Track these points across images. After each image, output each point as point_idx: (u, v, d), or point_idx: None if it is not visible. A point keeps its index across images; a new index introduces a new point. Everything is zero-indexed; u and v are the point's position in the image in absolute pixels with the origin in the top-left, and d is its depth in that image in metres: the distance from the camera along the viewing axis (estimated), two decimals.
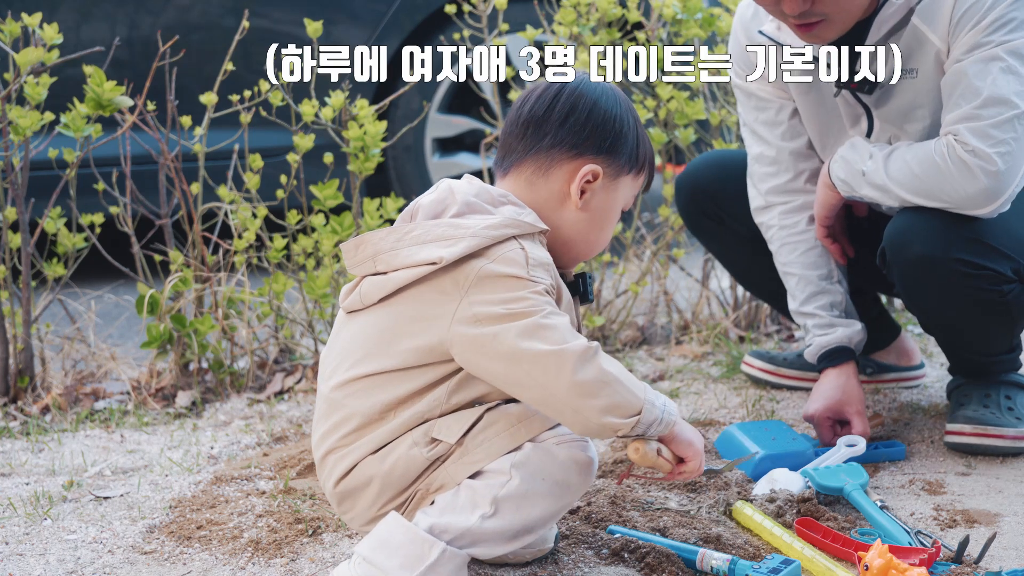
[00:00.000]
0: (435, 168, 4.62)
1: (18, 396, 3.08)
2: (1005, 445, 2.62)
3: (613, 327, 3.56)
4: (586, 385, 1.86)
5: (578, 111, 2.03)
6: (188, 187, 3.22)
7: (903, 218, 2.53)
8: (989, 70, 2.40)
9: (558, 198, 2.03)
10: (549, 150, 2.02)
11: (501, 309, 1.87)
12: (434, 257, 1.89)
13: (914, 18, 2.46)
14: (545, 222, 2.00)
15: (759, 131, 2.78)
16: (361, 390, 1.95)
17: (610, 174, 2.04)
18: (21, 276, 3.06)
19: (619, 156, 2.05)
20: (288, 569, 2.16)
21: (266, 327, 3.33)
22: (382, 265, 1.95)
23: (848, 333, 2.71)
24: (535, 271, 1.90)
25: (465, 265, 1.89)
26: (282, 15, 4.31)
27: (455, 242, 1.90)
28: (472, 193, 1.98)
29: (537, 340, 1.86)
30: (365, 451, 1.95)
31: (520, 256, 1.91)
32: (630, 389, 1.89)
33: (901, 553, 2.11)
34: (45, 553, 2.25)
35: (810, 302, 2.74)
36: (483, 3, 3.55)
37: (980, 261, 2.47)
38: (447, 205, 1.97)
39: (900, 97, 2.55)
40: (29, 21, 2.94)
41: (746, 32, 2.72)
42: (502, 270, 1.89)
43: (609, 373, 1.88)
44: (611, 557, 2.15)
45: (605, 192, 2.05)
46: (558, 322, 1.88)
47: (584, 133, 2.02)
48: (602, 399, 1.87)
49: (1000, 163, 2.39)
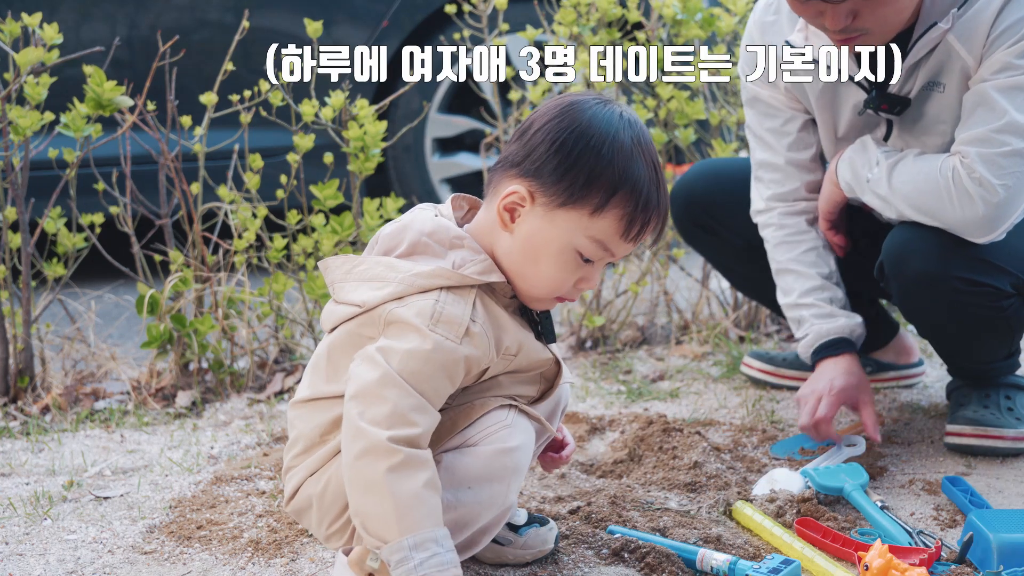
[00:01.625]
0: (435, 168, 4.62)
1: (18, 396, 3.08)
2: (1005, 446, 2.62)
3: (613, 327, 3.56)
4: (358, 479, 1.80)
5: (543, 129, 1.88)
6: (188, 187, 3.22)
7: (902, 233, 2.52)
8: (1014, 96, 2.37)
9: (493, 219, 1.94)
10: (501, 167, 1.93)
11: (378, 356, 1.84)
12: (360, 300, 1.90)
13: (949, 35, 2.42)
14: (492, 250, 1.94)
15: (766, 138, 2.75)
16: (307, 412, 1.99)
17: (542, 202, 1.88)
18: (21, 276, 3.06)
19: (555, 185, 1.87)
20: (288, 569, 2.16)
21: (266, 327, 3.33)
22: (335, 294, 1.98)
23: (850, 324, 2.67)
24: (438, 328, 1.84)
25: (381, 307, 1.88)
26: (282, 15, 4.31)
27: (383, 286, 1.89)
28: (427, 232, 1.93)
29: (362, 403, 1.82)
30: (306, 473, 1.99)
31: (428, 309, 1.85)
32: (397, 518, 1.78)
33: (901, 553, 2.12)
34: (45, 553, 2.25)
35: (809, 295, 2.69)
36: (483, 3, 3.55)
37: (979, 278, 2.46)
38: (400, 241, 1.94)
39: (924, 111, 2.52)
40: (29, 21, 2.94)
41: (765, 41, 2.65)
42: (404, 317, 1.85)
43: (385, 486, 1.77)
44: (611, 557, 2.15)
45: (537, 221, 1.89)
46: (399, 399, 1.80)
47: (524, 151, 1.89)
48: (358, 500, 1.81)
49: (1002, 194, 2.37)
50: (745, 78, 2.75)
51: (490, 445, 1.92)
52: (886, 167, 2.50)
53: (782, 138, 2.73)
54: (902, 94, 2.50)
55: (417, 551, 1.78)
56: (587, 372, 3.30)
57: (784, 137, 2.73)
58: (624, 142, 1.88)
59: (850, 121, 2.62)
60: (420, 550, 1.79)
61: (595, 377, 3.26)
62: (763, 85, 2.72)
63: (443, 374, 1.85)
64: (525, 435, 1.96)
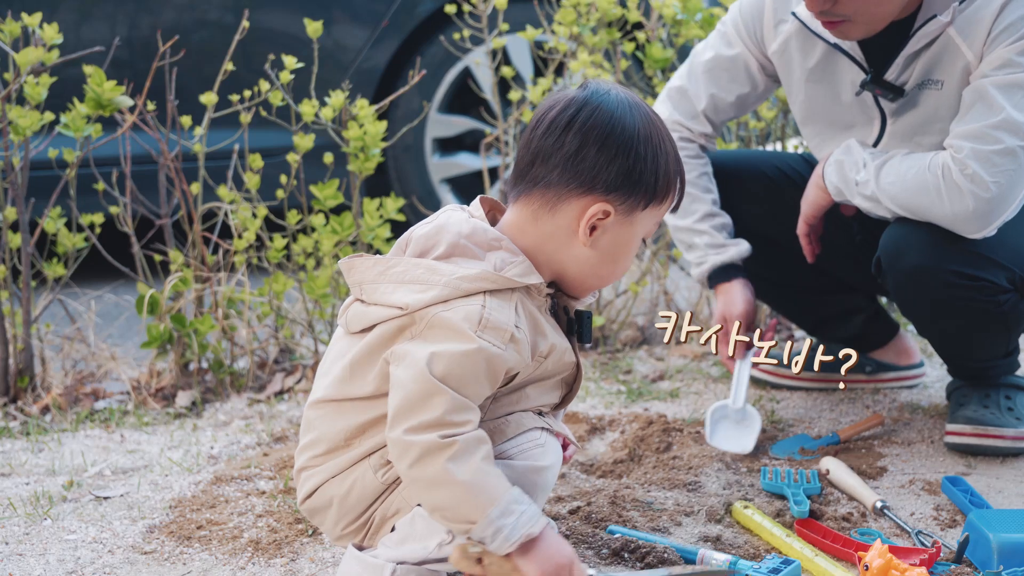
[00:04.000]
0: (435, 168, 4.62)
1: (18, 396, 3.08)
2: (1005, 445, 2.62)
3: (613, 327, 3.56)
4: (421, 480, 1.82)
5: (590, 144, 1.89)
6: (188, 187, 3.22)
7: (899, 228, 2.52)
8: (1012, 93, 2.38)
9: (565, 234, 1.93)
10: (557, 186, 1.91)
11: (422, 362, 1.82)
12: (402, 303, 1.88)
13: (950, 29, 2.43)
14: (551, 258, 1.94)
15: (700, 77, 2.77)
16: (330, 413, 1.97)
17: (623, 211, 1.92)
18: (21, 276, 3.06)
19: (634, 193, 1.92)
20: (288, 569, 2.16)
21: (266, 327, 3.33)
22: (365, 295, 1.95)
23: (739, 251, 2.77)
24: (485, 334, 1.84)
25: (425, 310, 1.87)
26: (282, 15, 4.31)
27: (426, 289, 1.87)
28: (465, 234, 1.92)
29: (408, 417, 1.81)
30: (327, 475, 1.98)
31: (475, 314, 1.84)
32: (473, 497, 1.80)
33: (901, 553, 2.12)
34: (45, 553, 2.25)
35: (704, 221, 2.77)
36: (483, 3, 3.55)
37: (975, 272, 2.46)
38: (436, 242, 1.92)
39: (921, 108, 2.52)
40: (29, 21, 2.94)
41: (776, 2, 2.65)
42: (452, 321, 1.84)
43: (450, 475, 1.79)
44: (611, 557, 2.15)
45: (618, 228, 1.94)
46: (445, 407, 1.80)
47: (595, 170, 1.90)
48: (429, 498, 1.83)
49: (994, 191, 2.37)
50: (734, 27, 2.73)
51: (525, 461, 1.93)
52: (874, 168, 2.50)
53: (717, 90, 2.76)
54: (898, 83, 2.50)
55: (505, 517, 1.81)
56: (587, 372, 3.30)
57: (719, 90, 2.76)
58: (657, 125, 1.95)
59: (846, 100, 2.61)
60: (507, 515, 1.81)
61: (595, 377, 3.26)
62: (748, 41, 2.71)
63: (485, 379, 1.86)
64: (555, 455, 1.98)
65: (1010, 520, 2.18)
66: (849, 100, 2.61)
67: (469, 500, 1.80)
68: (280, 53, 3.25)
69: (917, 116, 2.54)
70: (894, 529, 2.32)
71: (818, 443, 2.69)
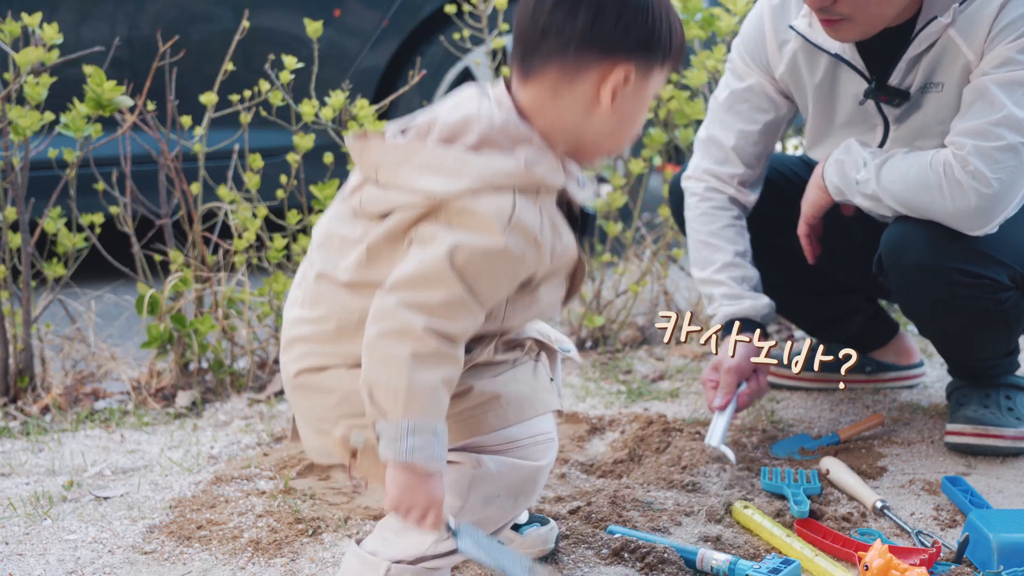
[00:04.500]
0: None
1: (18, 396, 3.08)
2: (1005, 445, 2.62)
3: (613, 327, 3.56)
4: (378, 350, 1.75)
5: (607, 11, 1.84)
6: (188, 187, 3.22)
7: (900, 226, 2.52)
8: (1013, 91, 2.38)
9: (585, 104, 1.87)
10: (577, 55, 1.84)
11: (443, 247, 1.76)
12: (428, 189, 1.81)
13: (950, 30, 2.43)
14: (569, 132, 1.89)
15: (726, 119, 2.76)
16: (346, 293, 1.87)
17: (642, 72, 1.87)
18: (21, 276, 3.06)
19: (653, 52, 1.87)
20: (288, 569, 2.16)
21: (266, 327, 3.33)
22: (382, 177, 1.86)
23: (756, 306, 2.70)
24: (512, 235, 1.78)
25: (456, 199, 1.79)
26: (282, 15, 4.31)
27: (456, 178, 1.80)
28: (497, 125, 1.85)
29: (407, 290, 1.76)
30: (342, 361, 1.88)
31: (507, 209, 1.78)
32: (405, 398, 1.74)
33: (901, 553, 2.12)
34: (45, 553, 2.25)
35: (723, 271, 2.73)
36: (483, 3, 3.55)
37: (977, 270, 2.46)
38: (466, 130, 1.84)
39: (922, 112, 2.53)
40: (29, 21, 2.94)
41: (774, 22, 2.65)
42: (482, 212, 1.78)
43: (404, 367, 1.74)
44: (611, 557, 2.15)
45: (636, 91, 1.89)
46: (448, 293, 1.76)
47: (615, 34, 1.84)
48: (373, 369, 1.76)
49: (996, 187, 2.38)
50: (740, 59, 2.73)
51: (533, 461, 1.91)
52: (874, 166, 2.50)
53: (742, 124, 2.74)
54: (902, 87, 2.51)
55: (412, 435, 1.75)
56: (587, 372, 3.30)
57: (744, 123, 2.74)
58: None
59: (849, 112, 2.62)
60: (416, 435, 1.75)
61: (595, 377, 3.26)
62: (756, 70, 2.72)
63: (504, 278, 1.81)
64: (556, 451, 1.96)
65: (1010, 520, 2.18)
66: (852, 111, 2.61)
67: (399, 397, 1.74)
68: (280, 53, 3.25)
69: (919, 120, 2.54)
70: (894, 529, 2.32)
71: (818, 443, 2.70)
